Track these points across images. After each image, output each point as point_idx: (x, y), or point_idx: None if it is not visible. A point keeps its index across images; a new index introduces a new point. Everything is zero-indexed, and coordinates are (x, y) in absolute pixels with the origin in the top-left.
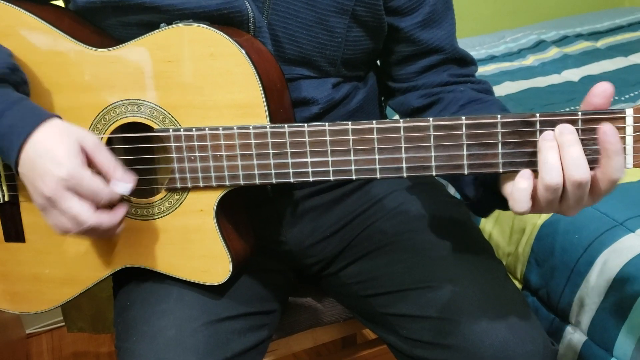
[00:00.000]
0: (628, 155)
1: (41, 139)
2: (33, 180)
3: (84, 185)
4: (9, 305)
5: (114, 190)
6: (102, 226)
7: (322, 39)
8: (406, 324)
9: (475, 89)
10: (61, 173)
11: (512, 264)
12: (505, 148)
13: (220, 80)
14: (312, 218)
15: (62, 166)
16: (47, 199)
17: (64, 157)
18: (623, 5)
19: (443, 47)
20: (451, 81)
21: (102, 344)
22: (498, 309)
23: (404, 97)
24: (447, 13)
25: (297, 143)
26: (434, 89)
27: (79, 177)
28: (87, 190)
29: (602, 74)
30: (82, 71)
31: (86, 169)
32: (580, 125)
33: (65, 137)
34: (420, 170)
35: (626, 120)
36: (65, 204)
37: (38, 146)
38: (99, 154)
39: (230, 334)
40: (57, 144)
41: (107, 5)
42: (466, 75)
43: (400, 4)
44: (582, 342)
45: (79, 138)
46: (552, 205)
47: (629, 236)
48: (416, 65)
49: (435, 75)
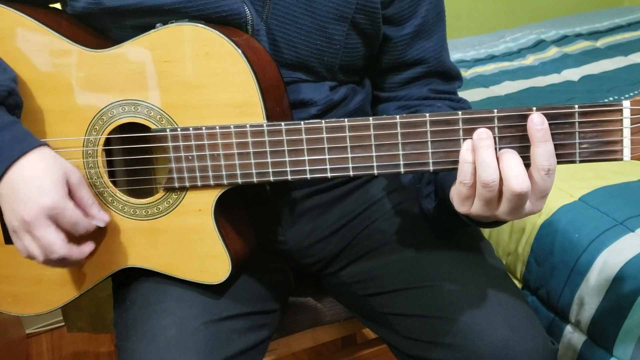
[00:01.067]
0: (625, 148)
1: (28, 166)
2: (12, 203)
3: (66, 215)
4: (10, 307)
5: (91, 223)
6: (71, 258)
7: (320, 45)
8: (406, 323)
9: (452, 107)
10: (46, 201)
11: (512, 263)
12: (503, 142)
13: (217, 80)
14: (312, 218)
15: (48, 195)
16: (25, 223)
17: (50, 186)
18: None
19: (428, 59)
20: (431, 96)
21: (102, 343)
22: (498, 308)
23: (383, 106)
24: (438, 25)
25: (294, 141)
26: (412, 102)
27: (62, 207)
28: (68, 221)
29: (601, 73)
30: (80, 72)
31: (69, 200)
32: (577, 118)
33: (52, 168)
34: (418, 167)
35: (623, 112)
36: (41, 232)
37: (24, 172)
38: (80, 190)
39: (230, 333)
40: (44, 173)
41: (104, 11)
42: (447, 92)
43: (393, 12)
44: (582, 342)
45: (65, 171)
46: (490, 205)
47: (629, 235)
48: (400, 76)
49: (417, 88)
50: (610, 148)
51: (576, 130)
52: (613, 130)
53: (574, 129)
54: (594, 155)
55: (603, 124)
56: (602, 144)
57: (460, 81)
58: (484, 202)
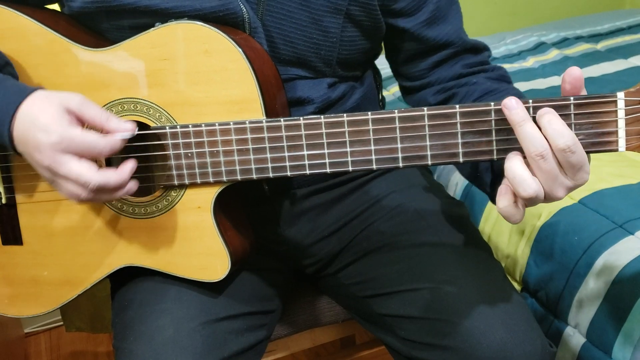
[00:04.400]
0: (620, 139)
1: (26, 111)
2: (32, 155)
3: (76, 143)
4: (7, 309)
5: (111, 139)
6: (110, 183)
7: (316, 39)
8: (404, 325)
9: (490, 77)
10: (51, 139)
11: (511, 266)
12: (499, 135)
13: (216, 77)
14: (311, 218)
15: (50, 132)
16: (49, 169)
17: (49, 122)
18: (623, 7)
19: (452, 42)
20: (464, 72)
21: (100, 343)
22: (496, 310)
23: (420, 95)
24: (451, 7)
25: (293, 136)
26: (447, 84)
27: (68, 137)
28: (82, 147)
29: (602, 76)
30: (79, 71)
31: (75, 127)
32: (572, 110)
33: (47, 104)
34: (416, 160)
35: (617, 103)
36: (65, 168)
37: (25, 119)
38: (86, 110)
39: (228, 333)
40: (41, 111)
41: (101, 10)
42: (480, 63)
43: (403, 5)
44: (581, 344)
45: (62, 101)
46: (553, 175)
47: (629, 238)
48: (427, 62)
49: (448, 68)
50: (605, 139)
51: (572, 121)
52: (608, 122)
53: (570, 121)
54: (589, 146)
55: (598, 115)
56: (598, 135)
57: (488, 51)
58: (548, 176)
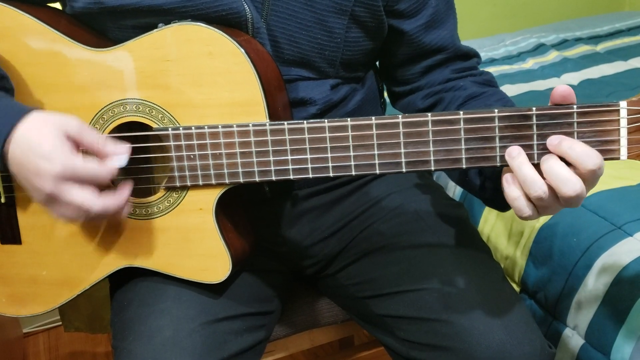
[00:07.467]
0: (622, 147)
1: (24, 135)
2: (29, 179)
3: (79, 172)
4: (6, 308)
5: (111, 167)
6: (109, 209)
7: (321, 40)
8: (403, 326)
9: (476, 82)
10: (55, 168)
11: (510, 267)
12: (503, 142)
13: (219, 79)
14: (311, 219)
15: (53, 161)
16: (48, 195)
17: (51, 150)
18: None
19: (446, 47)
20: (452, 77)
21: (99, 343)
22: (495, 311)
23: (409, 99)
24: (449, 12)
25: (297, 140)
26: (435, 88)
27: (71, 166)
28: (85, 176)
29: (601, 77)
30: (80, 71)
31: (76, 155)
32: (575, 118)
33: (47, 129)
34: (420, 165)
35: (620, 112)
36: (68, 197)
37: (22, 143)
38: (84, 136)
39: (227, 334)
40: (41, 138)
41: (103, 10)
42: (468, 68)
43: (404, 7)
44: (580, 346)
45: (61, 126)
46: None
47: (628, 240)
48: (419, 66)
49: (438, 73)
50: (607, 147)
51: (574, 130)
52: (610, 130)
53: (573, 129)
54: None
55: (601, 123)
56: (600, 144)
57: (478, 57)
58: (544, 210)
